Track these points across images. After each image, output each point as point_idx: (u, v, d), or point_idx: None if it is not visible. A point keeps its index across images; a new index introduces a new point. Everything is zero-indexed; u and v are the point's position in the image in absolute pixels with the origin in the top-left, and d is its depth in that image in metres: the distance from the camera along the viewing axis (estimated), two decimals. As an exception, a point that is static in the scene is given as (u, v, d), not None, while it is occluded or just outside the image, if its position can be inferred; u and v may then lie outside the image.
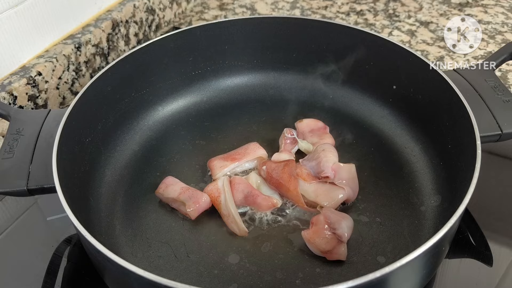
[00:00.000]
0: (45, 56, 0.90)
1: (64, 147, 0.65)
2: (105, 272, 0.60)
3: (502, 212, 0.74)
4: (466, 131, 0.64)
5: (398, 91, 0.82)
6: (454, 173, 0.67)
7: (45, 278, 0.66)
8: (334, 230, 0.63)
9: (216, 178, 0.73)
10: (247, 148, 0.77)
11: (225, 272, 0.63)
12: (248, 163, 0.76)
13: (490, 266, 0.66)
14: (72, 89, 0.95)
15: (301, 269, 0.63)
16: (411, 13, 1.16)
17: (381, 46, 0.81)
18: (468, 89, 0.73)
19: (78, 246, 0.70)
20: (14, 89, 0.83)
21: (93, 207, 0.70)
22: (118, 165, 0.78)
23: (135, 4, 1.05)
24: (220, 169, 0.74)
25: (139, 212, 0.72)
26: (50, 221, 0.75)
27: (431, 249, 0.50)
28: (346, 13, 1.17)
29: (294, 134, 0.80)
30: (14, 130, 0.70)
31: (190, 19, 1.20)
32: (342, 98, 0.88)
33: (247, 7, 1.21)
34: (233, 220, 0.67)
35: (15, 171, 0.64)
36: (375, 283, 0.48)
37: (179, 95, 0.90)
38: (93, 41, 0.96)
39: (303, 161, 0.73)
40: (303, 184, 0.69)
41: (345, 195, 0.68)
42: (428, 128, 0.77)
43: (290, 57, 0.91)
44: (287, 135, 0.79)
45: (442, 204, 0.68)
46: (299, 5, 1.21)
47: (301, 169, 0.71)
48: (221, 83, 0.92)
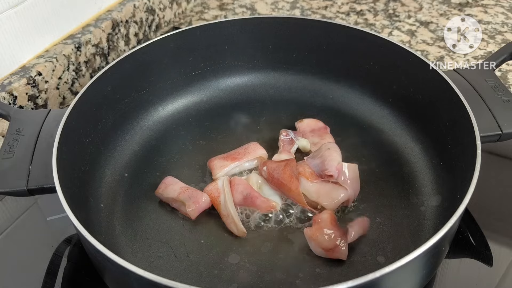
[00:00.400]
0: (45, 56, 0.90)
1: (64, 147, 0.65)
2: (105, 272, 0.60)
3: (502, 212, 0.74)
4: (466, 131, 0.64)
5: (398, 91, 0.82)
6: (454, 173, 0.67)
7: (45, 278, 0.66)
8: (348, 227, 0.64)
9: (216, 178, 0.73)
10: (247, 148, 0.77)
11: (225, 272, 0.63)
12: (248, 163, 0.76)
13: (490, 266, 0.66)
14: (72, 89, 0.95)
15: (301, 269, 0.63)
16: (411, 13, 1.16)
17: (381, 46, 0.81)
18: (468, 89, 0.73)
19: (78, 246, 0.70)
20: (14, 89, 0.83)
21: (93, 207, 0.70)
22: (118, 165, 0.78)
23: (135, 4, 1.05)
24: (220, 168, 0.74)
25: (139, 212, 0.72)
26: (50, 221, 0.75)
27: (431, 249, 0.50)
28: (346, 13, 1.17)
29: (291, 135, 0.80)
30: (14, 130, 0.70)
31: (190, 19, 1.20)
32: (342, 98, 0.88)
33: (247, 7, 1.21)
34: (232, 221, 0.67)
35: (15, 171, 0.64)
36: (375, 283, 0.48)
37: (179, 95, 0.90)
38: (93, 41, 0.96)
39: (308, 159, 0.73)
40: (306, 183, 0.69)
41: (346, 195, 0.68)
42: (428, 128, 0.77)
43: (290, 57, 0.91)
44: (283, 137, 0.79)
45: (442, 204, 0.68)
46: (299, 5, 1.21)
47: (304, 167, 0.71)
48: (221, 83, 0.92)
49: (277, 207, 0.69)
